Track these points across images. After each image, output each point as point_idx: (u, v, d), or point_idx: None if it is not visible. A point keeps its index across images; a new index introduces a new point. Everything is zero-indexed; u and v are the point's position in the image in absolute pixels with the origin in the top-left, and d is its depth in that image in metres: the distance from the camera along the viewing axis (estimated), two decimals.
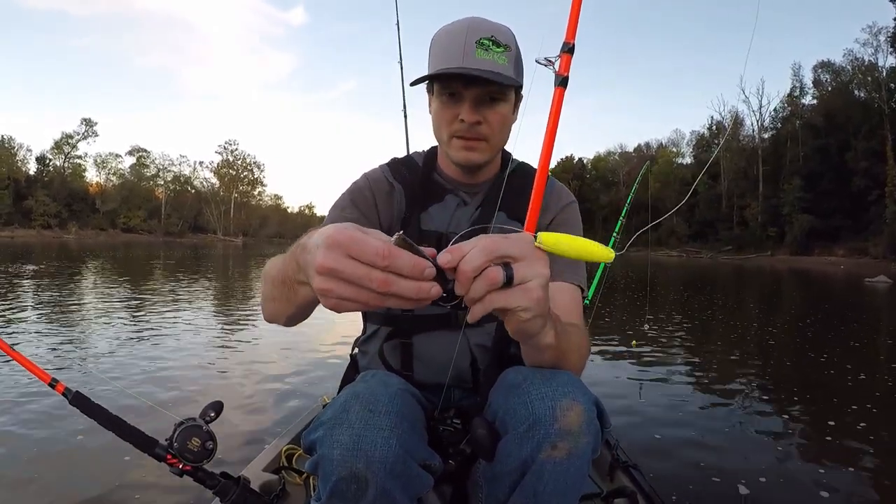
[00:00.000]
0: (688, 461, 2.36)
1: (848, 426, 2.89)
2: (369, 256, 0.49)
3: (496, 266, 0.53)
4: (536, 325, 0.62)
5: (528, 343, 0.76)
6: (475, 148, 1.02)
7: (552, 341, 0.73)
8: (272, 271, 0.80)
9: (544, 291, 0.58)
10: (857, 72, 48.85)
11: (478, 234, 0.56)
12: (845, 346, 5.45)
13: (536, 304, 0.57)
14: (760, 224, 50.66)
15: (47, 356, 3.80)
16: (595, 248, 0.59)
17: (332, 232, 0.51)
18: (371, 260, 0.49)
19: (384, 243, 0.50)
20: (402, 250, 0.50)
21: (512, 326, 0.61)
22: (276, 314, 0.86)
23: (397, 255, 0.49)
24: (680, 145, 69.38)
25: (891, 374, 4.38)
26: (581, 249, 0.59)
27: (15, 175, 61.15)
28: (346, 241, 0.50)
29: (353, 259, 0.50)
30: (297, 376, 3.54)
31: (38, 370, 1.26)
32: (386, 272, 0.49)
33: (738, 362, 4.56)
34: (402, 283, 0.50)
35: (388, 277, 0.49)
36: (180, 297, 7.85)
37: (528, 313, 0.57)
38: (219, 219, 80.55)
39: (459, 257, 0.52)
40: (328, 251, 0.51)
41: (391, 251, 0.49)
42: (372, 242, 0.49)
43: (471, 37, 0.96)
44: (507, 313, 0.58)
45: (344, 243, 0.50)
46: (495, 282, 0.53)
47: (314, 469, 0.80)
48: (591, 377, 3.74)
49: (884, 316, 9.15)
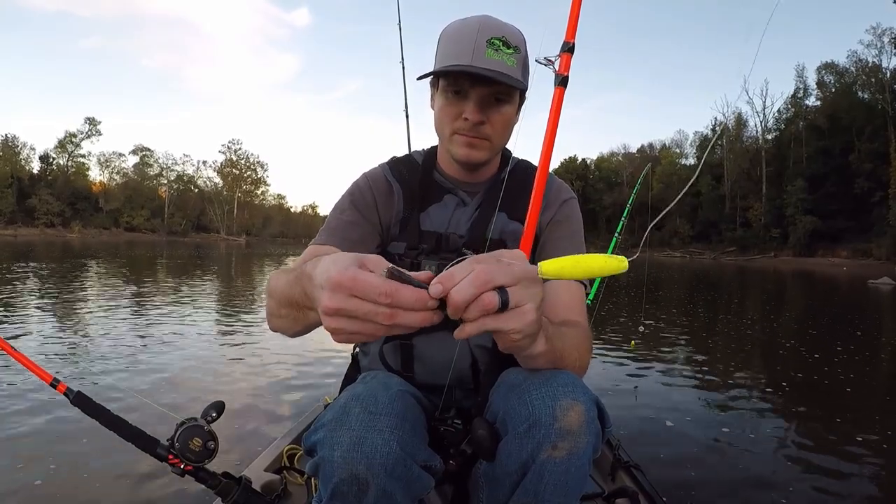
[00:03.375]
0: (690, 461, 2.35)
1: (850, 427, 2.88)
2: (372, 296, 0.51)
3: (491, 291, 0.53)
4: (527, 343, 0.64)
5: (517, 354, 0.77)
6: (476, 146, 1.02)
7: (542, 349, 0.73)
8: (277, 289, 0.80)
9: (538, 313, 0.59)
10: (860, 73, 48.72)
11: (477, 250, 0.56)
12: (849, 347, 5.43)
13: (529, 326, 0.58)
14: (763, 225, 50.58)
15: (49, 356, 3.81)
16: (604, 263, 0.54)
17: (335, 274, 0.53)
18: (374, 299, 0.51)
19: (385, 281, 0.51)
20: (402, 286, 0.51)
21: (503, 344, 0.62)
22: (282, 329, 0.86)
23: (399, 293, 0.51)
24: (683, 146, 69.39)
25: (894, 376, 4.36)
26: (588, 269, 0.54)
27: (18, 173, 61.47)
28: (349, 283, 0.52)
29: (357, 298, 0.52)
30: (298, 376, 3.54)
31: (39, 370, 1.26)
32: (392, 308, 0.51)
33: (741, 363, 4.54)
34: (407, 315, 0.52)
35: (394, 312, 0.51)
36: (183, 296, 7.87)
37: (520, 335, 0.58)
38: (222, 218, 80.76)
39: (450, 287, 0.52)
40: (332, 294, 0.53)
41: (393, 290, 0.51)
42: (373, 282, 0.51)
43: (482, 35, 0.95)
44: (500, 334, 0.59)
45: (346, 285, 0.52)
46: (490, 308, 0.53)
47: (315, 471, 0.81)
48: (592, 377, 3.74)
49: (887, 317, 9.11)
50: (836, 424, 2.95)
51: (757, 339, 6.02)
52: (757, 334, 6.35)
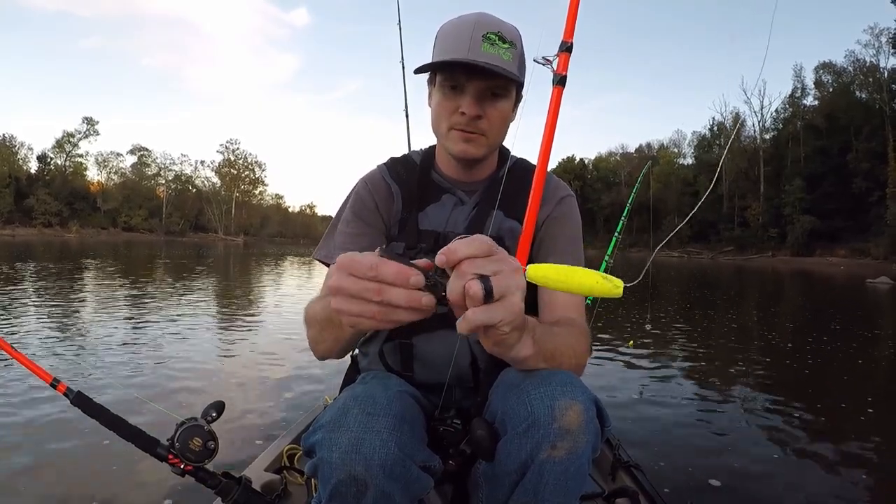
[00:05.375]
0: (690, 461, 2.36)
1: (850, 426, 2.89)
2: (362, 270, 0.55)
3: (474, 279, 0.54)
4: (513, 338, 0.65)
5: (506, 357, 0.75)
6: (473, 141, 1.02)
7: (529, 352, 0.73)
8: (314, 315, 0.88)
9: (522, 303, 0.59)
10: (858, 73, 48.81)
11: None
12: (847, 346, 5.44)
13: (517, 316, 0.59)
14: (761, 225, 50.65)
15: (48, 356, 3.80)
16: (596, 283, 0.49)
17: (339, 257, 0.58)
18: (363, 273, 0.55)
19: (373, 258, 0.56)
20: (387, 261, 0.55)
21: (489, 342, 0.64)
22: (328, 353, 0.94)
23: (382, 266, 0.55)
24: (681, 146, 69.43)
25: (893, 375, 4.37)
26: (579, 285, 0.50)
27: (16, 173, 61.30)
28: (347, 262, 0.57)
29: (353, 276, 0.56)
30: (298, 376, 3.54)
31: (39, 370, 1.26)
32: (378, 283, 0.55)
33: (740, 362, 4.55)
34: (392, 291, 0.55)
35: (380, 287, 0.55)
36: (182, 296, 7.85)
37: (508, 327, 0.59)
38: (220, 218, 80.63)
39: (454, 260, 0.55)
40: (336, 274, 0.57)
41: (377, 262, 0.55)
42: (363, 259, 0.56)
43: (478, 30, 0.95)
44: (489, 330, 0.60)
45: (346, 264, 0.57)
46: (475, 295, 0.54)
47: (314, 472, 0.81)
48: (591, 376, 3.74)
49: (886, 317, 9.13)
50: (836, 424, 2.96)
51: (756, 338, 6.03)
52: (756, 334, 6.37)
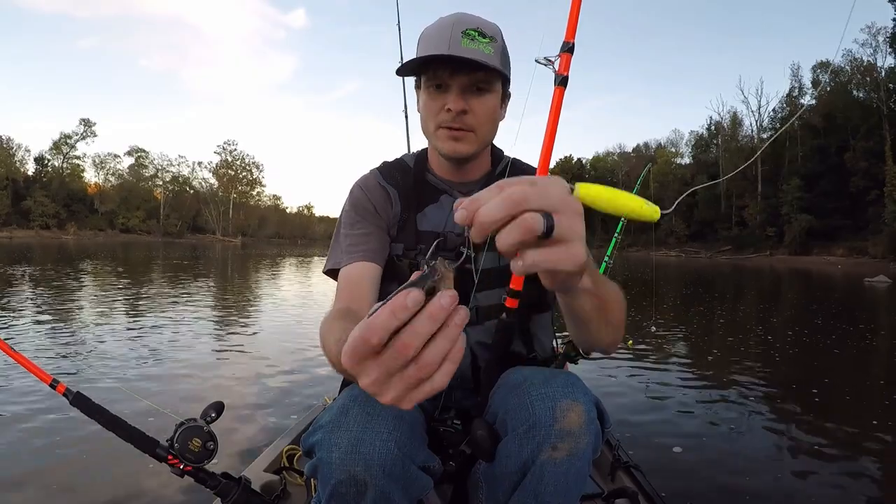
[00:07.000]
0: (689, 461, 2.36)
1: (849, 426, 2.89)
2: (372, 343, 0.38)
3: (532, 212, 0.42)
4: (577, 278, 0.59)
5: (565, 295, 0.70)
6: (461, 138, 1.02)
7: (588, 285, 0.68)
8: (331, 357, 0.76)
9: (586, 252, 0.48)
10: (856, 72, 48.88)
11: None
12: (846, 345, 5.45)
13: (581, 267, 0.47)
14: (759, 224, 50.64)
15: (48, 357, 3.80)
16: (639, 206, 0.49)
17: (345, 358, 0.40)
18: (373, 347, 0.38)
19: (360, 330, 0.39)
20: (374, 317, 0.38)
21: (549, 280, 0.55)
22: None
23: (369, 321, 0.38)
24: (679, 145, 69.40)
25: (892, 374, 4.38)
26: (625, 206, 0.49)
27: (13, 175, 61.07)
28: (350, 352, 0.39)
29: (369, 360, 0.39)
30: (298, 376, 3.54)
31: (39, 371, 1.26)
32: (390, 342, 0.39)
33: (739, 362, 4.55)
34: (408, 331, 0.38)
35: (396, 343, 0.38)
36: (180, 297, 7.84)
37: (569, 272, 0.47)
38: (217, 219, 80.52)
39: (475, 209, 0.41)
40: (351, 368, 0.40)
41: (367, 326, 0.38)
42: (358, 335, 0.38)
43: (457, 28, 0.96)
44: (549, 272, 0.52)
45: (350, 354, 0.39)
46: (532, 230, 0.41)
47: (314, 472, 0.81)
48: (590, 376, 3.75)
49: (884, 315, 9.15)
50: (836, 423, 2.96)
51: (755, 338, 6.04)
52: (755, 333, 6.38)
